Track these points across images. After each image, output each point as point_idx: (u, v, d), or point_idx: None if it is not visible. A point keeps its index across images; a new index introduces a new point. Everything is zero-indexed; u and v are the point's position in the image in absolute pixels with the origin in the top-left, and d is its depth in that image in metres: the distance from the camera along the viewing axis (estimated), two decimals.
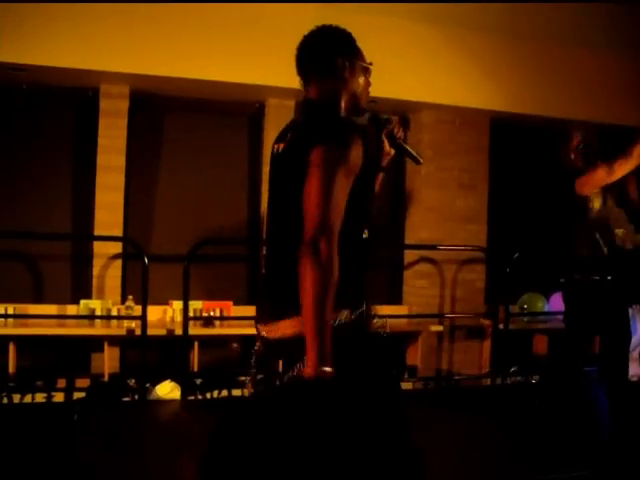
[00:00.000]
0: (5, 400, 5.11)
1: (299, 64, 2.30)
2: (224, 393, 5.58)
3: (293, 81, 2.35)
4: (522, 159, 7.27)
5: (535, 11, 6.06)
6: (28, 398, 5.21)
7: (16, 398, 5.16)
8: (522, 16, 6.15)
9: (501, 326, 6.41)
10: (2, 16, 5.24)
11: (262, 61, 5.61)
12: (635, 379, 6.02)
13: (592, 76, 6.84)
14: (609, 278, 4.22)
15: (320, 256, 1.85)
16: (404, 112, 6.90)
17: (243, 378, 5.66)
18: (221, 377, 5.65)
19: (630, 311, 5.26)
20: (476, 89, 6.53)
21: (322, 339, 1.83)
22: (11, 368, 5.38)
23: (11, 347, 5.39)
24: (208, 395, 5.54)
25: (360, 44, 2.45)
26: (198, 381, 5.61)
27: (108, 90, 5.97)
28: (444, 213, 6.78)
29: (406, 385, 6.17)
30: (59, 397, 5.32)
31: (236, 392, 5.57)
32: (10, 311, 5.60)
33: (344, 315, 2.04)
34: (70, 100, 6.19)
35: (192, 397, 5.45)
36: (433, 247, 6.64)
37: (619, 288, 4.27)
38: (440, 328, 6.64)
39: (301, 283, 1.86)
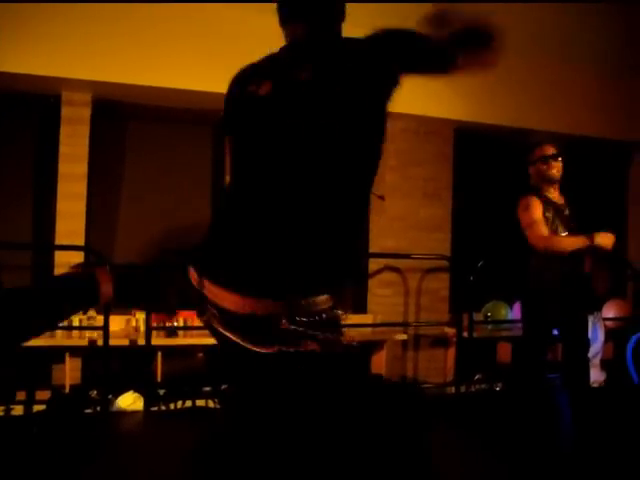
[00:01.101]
0: None
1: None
2: (188, 404, 5.52)
3: None
4: (485, 168, 7.36)
5: (499, 22, 6.12)
6: None
7: None
8: None
9: (465, 334, 6.44)
10: None
11: (227, 70, 5.58)
12: (596, 385, 6.11)
13: (556, 86, 6.95)
14: (565, 287, 4.28)
15: None
16: None
17: (207, 388, 5.63)
18: (185, 388, 5.59)
19: (591, 318, 5.35)
20: (440, 99, 6.57)
21: None
22: None
23: None
24: (172, 406, 5.48)
25: None
26: (162, 392, 5.55)
27: (70, 97, 5.89)
28: (409, 222, 6.81)
29: None
30: (18, 410, 5.22)
31: (200, 402, 5.52)
32: None
33: (323, 301, 1.80)
34: (31, 107, 6.10)
35: (155, 408, 5.39)
36: (397, 256, 6.66)
37: (575, 296, 4.34)
38: (404, 337, 6.66)
39: None
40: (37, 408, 5.21)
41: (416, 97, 6.45)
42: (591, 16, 6.15)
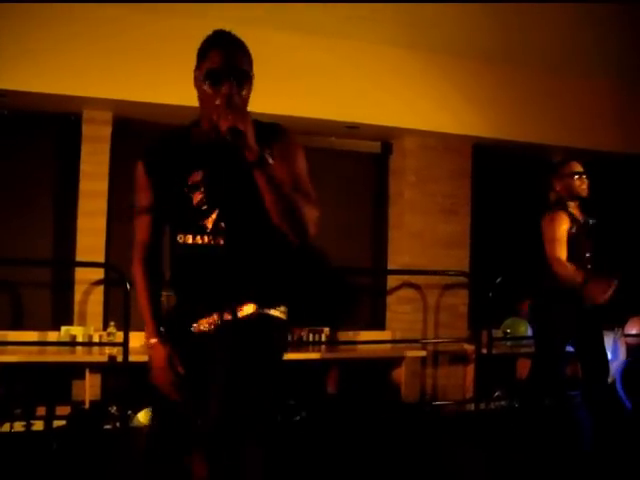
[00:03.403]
0: None
1: None
2: None
3: (274, 107, 2.37)
4: (504, 184, 7.34)
5: (517, 38, 6.14)
6: (6, 427, 5.14)
7: None
8: (504, 43, 6.23)
9: (484, 351, 6.41)
10: None
11: None
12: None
13: (574, 102, 6.94)
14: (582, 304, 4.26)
15: None
16: (387, 138, 6.96)
17: None
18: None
19: (611, 335, 5.32)
20: (459, 115, 6.59)
21: None
22: None
23: None
24: None
25: (343, 69, 2.43)
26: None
27: (91, 116, 5.96)
28: (427, 238, 6.81)
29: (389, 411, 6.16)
30: (38, 425, 5.25)
31: None
32: None
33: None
34: (52, 126, 6.18)
35: None
36: (416, 272, 6.65)
37: (592, 313, 4.32)
38: (423, 353, 6.63)
39: None
40: (57, 423, 5.25)
41: (435, 114, 6.51)
42: (609, 31, 6.15)
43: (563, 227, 4.34)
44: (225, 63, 2.13)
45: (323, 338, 6.44)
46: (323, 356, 6.25)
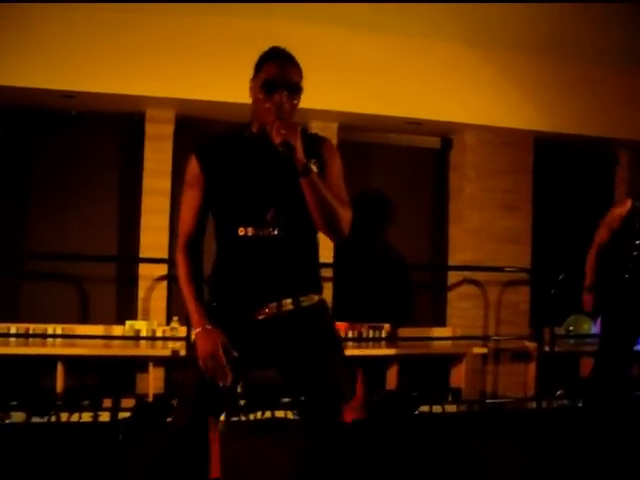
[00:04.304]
0: (54, 419, 5.21)
1: None
2: (267, 414, 5.58)
3: (337, 104, 2.41)
4: (567, 179, 7.22)
5: (576, 30, 6.03)
6: (75, 417, 5.29)
7: (64, 417, 5.25)
8: (564, 35, 6.12)
9: (547, 348, 6.32)
10: (53, 46, 5.42)
11: (307, 84, 5.67)
12: None
13: (637, 94, 6.77)
14: None
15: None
16: (447, 133, 6.92)
17: (287, 399, 5.67)
18: (265, 398, 5.65)
19: None
20: (518, 110, 6.51)
21: None
22: (59, 387, 5.46)
23: (59, 367, 5.47)
24: (252, 417, 5.55)
25: (403, 66, 2.48)
26: (242, 402, 5.62)
27: (153, 115, 6.09)
28: (487, 234, 6.74)
29: (450, 408, 6.12)
30: (105, 417, 5.39)
31: (279, 414, 5.58)
32: (58, 331, 5.71)
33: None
34: (116, 125, 6.33)
35: (236, 418, 5.47)
36: (477, 268, 6.60)
37: None
38: (484, 350, 6.57)
39: None
40: (122, 415, 5.37)
41: (494, 109, 6.44)
42: None
43: (617, 214, 4.29)
44: (279, 75, 2.37)
45: (383, 334, 6.44)
46: (383, 352, 6.25)
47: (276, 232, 2.37)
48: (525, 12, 5.65)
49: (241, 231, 2.39)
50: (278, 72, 2.37)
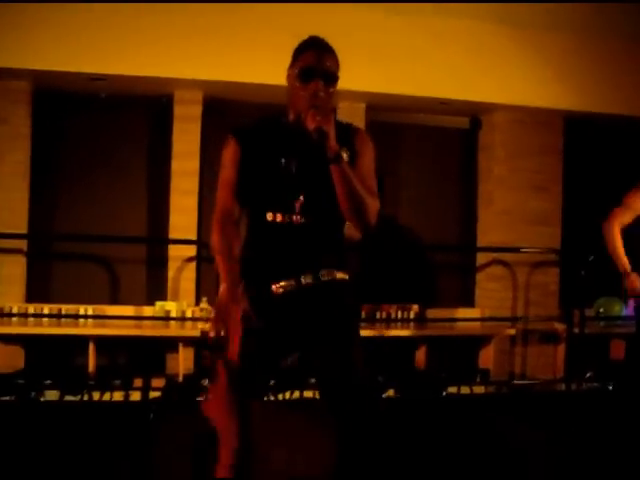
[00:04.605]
0: (86, 397, 5.30)
1: None
2: (296, 394, 5.62)
3: (364, 84, 2.41)
4: (598, 159, 7.13)
5: (608, 7, 5.92)
6: (107, 396, 5.38)
7: (96, 396, 5.34)
8: (595, 14, 6.02)
9: (576, 330, 6.28)
10: (83, 30, 5.46)
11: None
12: None
13: None
14: None
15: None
16: (476, 113, 6.86)
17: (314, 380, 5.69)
18: (294, 378, 5.69)
19: None
20: (548, 89, 6.43)
21: None
22: (91, 367, 5.55)
23: (91, 346, 5.56)
24: (280, 396, 5.59)
25: (433, 46, 2.48)
26: (271, 383, 5.66)
27: (182, 96, 6.11)
28: (517, 215, 6.69)
29: (478, 389, 6.12)
30: (136, 396, 5.46)
31: (308, 394, 5.61)
32: (89, 312, 5.79)
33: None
34: (145, 107, 6.37)
35: (265, 398, 5.51)
36: (506, 249, 6.57)
37: None
38: (513, 332, 6.55)
39: None
40: (153, 395, 5.44)
41: (524, 87, 6.37)
42: None
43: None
44: (316, 63, 2.39)
45: (412, 315, 6.44)
46: (412, 333, 6.26)
47: (304, 220, 2.41)
48: None
49: (269, 216, 2.43)
50: (315, 61, 2.39)
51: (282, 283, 2.42)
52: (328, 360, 2.38)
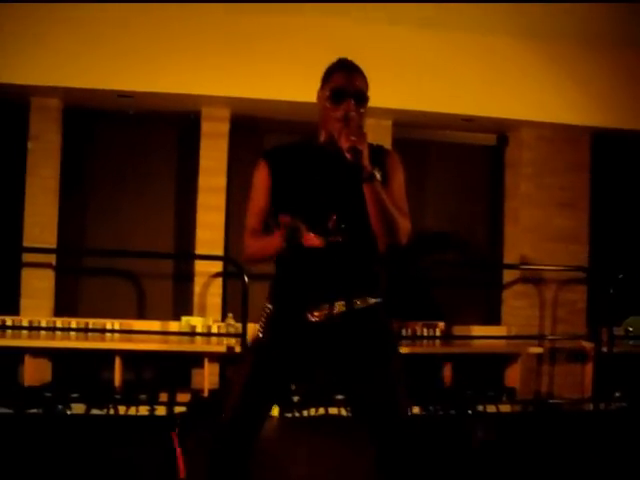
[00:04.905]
0: (112, 411, 5.33)
1: None
2: (321, 411, 5.61)
3: (391, 101, 2.41)
4: (626, 175, 7.08)
5: (636, 22, 5.90)
6: (132, 410, 5.41)
7: (121, 410, 5.37)
8: (623, 28, 5.99)
9: (604, 349, 6.21)
10: (114, 47, 5.56)
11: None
12: None
13: None
14: None
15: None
16: (503, 130, 6.84)
17: (340, 397, 5.68)
18: (318, 395, 5.68)
19: None
20: (576, 105, 6.40)
21: None
22: (117, 381, 5.58)
23: (117, 361, 5.59)
24: (305, 413, 5.59)
25: (459, 62, 2.46)
26: (296, 399, 5.66)
27: (209, 113, 6.17)
28: (543, 232, 6.65)
29: (504, 407, 6.06)
30: (161, 410, 5.49)
31: (333, 410, 5.60)
32: (116, 326, 5.84)
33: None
34: (173, 124, 6.43)
35: (289, 415, 5.51)
36: (532, 267, 6.52)
37: None
38: (540, 350, 6.48)
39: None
40: (178, 409, 5.46)
41: (551, 104, 6.35)
42: None
43: None
44: (346, 84, 2.41)
45: (438, 333, 6.41)
46: (438, 351, 6.22)
47: (337, 240, 2.39)
48: (583, 5, 5.55)
49: None
50: (345, 81, 2.41)
51: (316, 313, 2.41)
52: (374, 395, 2.38)
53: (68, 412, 5.29)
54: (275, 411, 5.44)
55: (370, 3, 5.46)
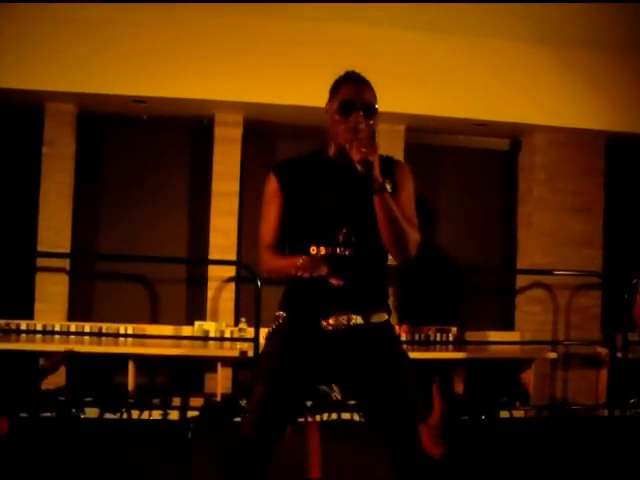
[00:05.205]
0: (125, 416, 5.34)
1: None
2: (333, 416, 5.60)
3: (404, 106, 2.41)
4: None
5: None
6: (146, 415, 5.41)
7: (135, 414, 5.38)
8: (636, 31, 5.96)
9: (619, 355, 6.17)
10: (127, 53, 5.60)
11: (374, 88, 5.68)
12: None
13: None
14: None
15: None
16: (516, 135, 6.83)
17: (352, 402, 5.67)
18: (328, 400, 5.67)
19: None
20: (590, 110, 6.38)
21: None
22: (130, 385, 5.59)
23: (130, 365, 5.61)
24: (317, 418, 5.57)
25: (471, 67, 2.45)
26: (308, 404, 5.65)
27: (222, 118, 6.19)
28: (557, 237, 6.62)
29: (518, 413, 6.03)
30: (174, 415, 5.49)
31: (345, 416, 5.58)
32: (130, 331, 5.87)
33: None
34: (186, 129, 6.46)
35: (301, 420, 5.50)
36: (546, 272, 6.49)
37: None
38: (554, 355, 6.45)
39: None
40: (191, 414, 5.46)
41: (564, 109, 6.33)
42: None
43: None
44: (355, 96, 2.42)
45: (451, 338, 6.40)
46: (450, 356, 6.20)
47: (347, 252, 2.42)
48: (596, 8, 5.53)
49: (313, 250, 2.43)
50: (354, 94, 2.43)
51: (331, 321, 2.42)
52: (389, 406, 2.40)
53: (82, 416, 5.30)
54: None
55: (384, 6, 5.45)
